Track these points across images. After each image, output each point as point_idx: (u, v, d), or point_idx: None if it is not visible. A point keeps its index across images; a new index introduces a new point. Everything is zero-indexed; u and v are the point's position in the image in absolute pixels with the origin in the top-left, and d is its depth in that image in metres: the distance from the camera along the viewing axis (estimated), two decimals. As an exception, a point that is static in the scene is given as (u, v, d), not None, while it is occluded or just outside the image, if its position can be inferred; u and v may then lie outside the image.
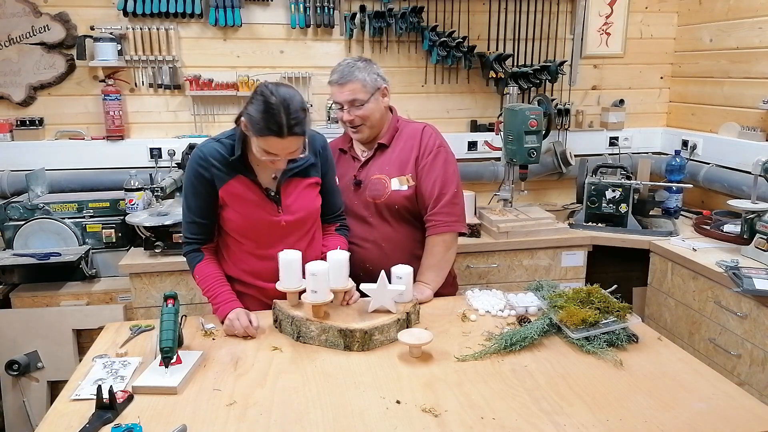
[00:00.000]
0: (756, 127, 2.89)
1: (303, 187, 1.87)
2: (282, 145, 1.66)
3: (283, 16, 3.04)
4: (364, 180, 2.09)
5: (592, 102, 3.44)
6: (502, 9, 3.18)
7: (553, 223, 2.85)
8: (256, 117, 1.64)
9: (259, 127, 1.64)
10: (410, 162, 2.08)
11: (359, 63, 2.02)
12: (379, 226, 2.09)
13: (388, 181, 2.06)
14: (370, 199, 2.07)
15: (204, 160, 1.78)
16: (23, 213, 2.64)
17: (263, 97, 1.64)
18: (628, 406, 1.36)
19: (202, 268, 1.84)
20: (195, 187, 1.80)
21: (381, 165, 2.10)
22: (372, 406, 1.36)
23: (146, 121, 3.06)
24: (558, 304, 1.74)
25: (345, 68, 2.00)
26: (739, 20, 2.98)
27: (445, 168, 2.08)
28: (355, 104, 2.01)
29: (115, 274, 2.65)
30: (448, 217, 2.05)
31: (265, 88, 1.66)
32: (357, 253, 2.04)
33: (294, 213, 1.85)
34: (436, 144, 2.10)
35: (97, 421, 1.29)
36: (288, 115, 1.63)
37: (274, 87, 1.66)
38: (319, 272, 1.64)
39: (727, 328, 2.32)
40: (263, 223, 1.82)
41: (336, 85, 2.01)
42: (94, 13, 2.90)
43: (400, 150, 2.10)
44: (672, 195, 3.00)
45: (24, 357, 2.49)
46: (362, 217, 2.10)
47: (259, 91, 1.66)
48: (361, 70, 1.99)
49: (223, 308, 1.78)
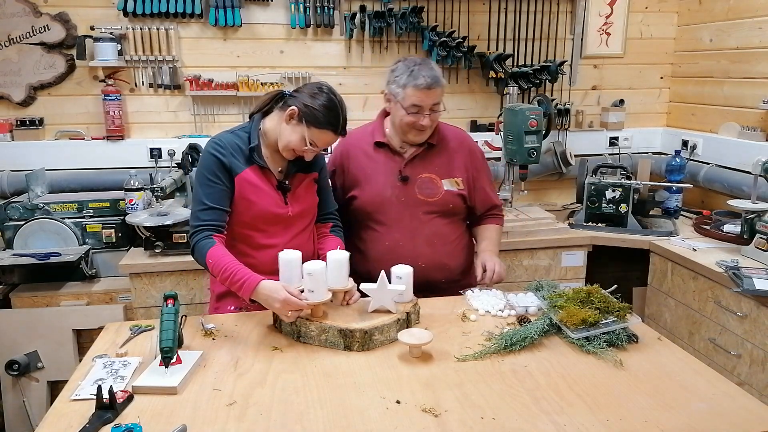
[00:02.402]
0: (756, 127, 2.89)
1: (306, 183, 1.94)
2: (332, 140, 1.80)
3: (283, 16, 3.04)
4: (411, 177, 2.08)
5: (592, 102, 3.44)
6: (502, 9, 3.19)
7: (553, 223, 2.85)
8: (320, 109, 1.74)
9: (323, 119, 1.75)
10: (458, 165, 2.12)
11: (434, 66, 1.99)
12: (429, 223, 2.09)
13: (440, 182, 2.08)
14: (422, 197, 2.07)
15: (222, 147, 1.82)
16: (23, 213, 2.64)
17: (329, 93, 1.76)
18: (628, 406, 1.36)
19: (215, 251, 1.75)
20: (212, 173, 1.81)
21: (428, 164, 2.09)
22: (372, 406, 1.36)
23: (146, 121, 3.06)
24: (558, 304, 1.74)
25: (429, 71, 1.95)
26: (739, 20, 2.98)
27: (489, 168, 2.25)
28: (435, 109, 1.99)
29: (115, 274, 2.65)
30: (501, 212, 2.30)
31: (326, 86, 1.80)
32: (406, 251, 2.06)
33: (300, 205, 1.91)
34: (479, 149, 2.22)
35: (97, 421, 1.29)
36: (345, 116, 1.79)
37: (331, 87, 1.80)
38: (315, 271, 1.64)
39: (727, 328, 2.32)
40: (271, 214, 1.86)
41: (425, 89, 1.94)
42: (94, 13, 2.90)
43: (446, 151, 2.11)
44: (672, 195, 3.00)
45: (24, 357, 2.49)
46: (409, 215, 2.08)
47: (324, 88, 1.78)
48: (440, 73, 1.98)
49: (249, 281, 1.68)
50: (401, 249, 2.06)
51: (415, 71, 1.95)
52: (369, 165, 2.10)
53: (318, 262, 1.67)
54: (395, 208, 2.08)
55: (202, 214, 1.81)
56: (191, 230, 1.82)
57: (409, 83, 1.95)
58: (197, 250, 1.79)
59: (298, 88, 1.84)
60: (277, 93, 1.84)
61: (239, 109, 3.09)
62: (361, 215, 2.12)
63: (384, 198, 2.07)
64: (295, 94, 1.79)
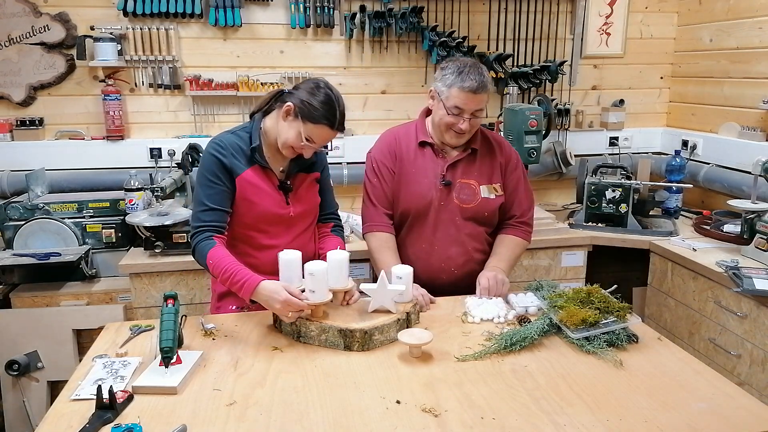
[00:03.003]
0: (756, 127, 2.89)
1: (308, 183, 1.94)
2: (329, 136, 1.79)
3: (283, 16, 3.04)
4: (452, 181, 2.04)
5: (592, 102, 3.44)
6: (502, 9, 3.19)
7: (553, 223, 2.85)
8: (316, 105, 1.73)
9: (318, 114, 1.73)
10: (496, 170, 2.08)
11: (484, 69, 1.92)
12: (465, 230, 2.06)
13: (478, 188, 2.05)
14: (458, 202, 2.04)
15: (223, 148, 1.81)
16: (23, 213, 2.64)
17: (326, 89, 1.75)
18: (628, 406, 1.36)
19: (215, 252, 1.74)
20: (213, 174, 1.80)
21: (469, 170, 2.05)
22: (372, 406, 1.36)
23: (146, 121, 3.06)
24: (558, 304, 1.74)
25: (478, 76, 1.89)
26: (739, 20, 2.98)
27: (529, 185, 2.18)
28: (477, 114, 1.94)
29: (115, 274, 2.65)
30: (530, 228, 2.17)
31: (323, 82, 1.78)
32: (440, 255, 2.05)
33: (301, 205, 1.91)
34: (517, 156, 2.15)
35: (97, 421, 1.29)
36: (342, 112, 1.77)
37: (330, 84, 1.79)
38: (316, 272, 1.64)
39: (727, 328, 2.32)
40: (272, 215, 1.85)
41: (469, 92, 1.88)
42: (94, 13, 2.90)
43: (486, 157, 2.08)
44: (672, 195, 3.00)
45: (24, 357, 2.49)
46: (447, 220, 2.05)
47: (321, 84, 1.77)
48: (489, 80, 1.93)
49: (249, 282, 1.67)
50: (436, 253, 2.06)
51: (464, 73, 1.89)
52: (415, 164, 2.06)
53: (319, 263, 1.67)
54: (435, 212, 2.04)
55: (202, 215, 1.80)
56: (192, 231, 1.81)
57: (455, 84, 1.89)
58: (198, 251, 1.78)
59: (296, 84, 1.84)
60: (278, 92, 1.83)
61: (239, 109, 3.09)
62: (404, 215, 2.08)
63: (428, 200, 2.03)
64: (293, 91, 1.78)
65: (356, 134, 3.19)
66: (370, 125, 3.21)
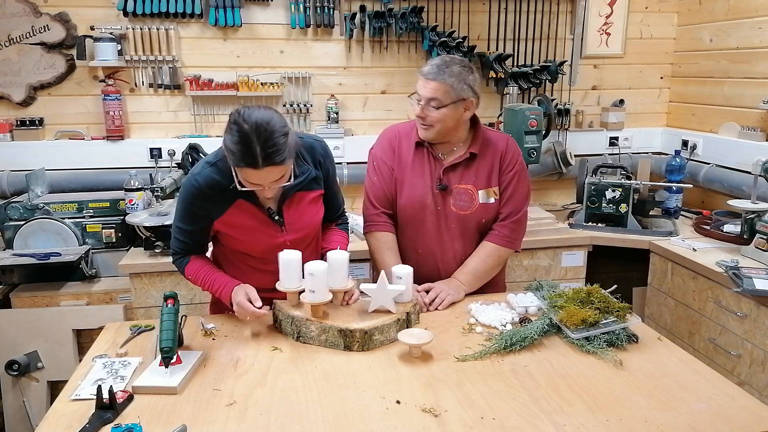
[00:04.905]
0: (756, 127, 2.89)
1: (306, 203, 1.78)
2: (260, 175, 1.56)
3: (283, 16, 3.04)
4: (449, 186, 1.99)
5: (592, 102, 3.44)
6: (502, 9, 3.19)
7: (553, 223, 2.85)
8: (231, 147, 1.53)
9: (235, 158, 1.54)
10: (494, 172, 2.01)
11: (456, 67, 1.87)
12: (460, 239, 2.02)
13: (476, 194, 1.99)
14: (455, 209, 1.99)
15: (200, 191, 1.67)
16: (23, 213, 2.64)
17: (236, 125, 1.52)
18: (628, 406, 1.36)
19: (190, 267, 1.78)
20: (189, 215, 1.72)
21: (467, 174, 1.99)
22: (372, 406, 1.36)
23: (146, 121, 3.06)
24: (558, 304, 1.74)
25: (441, 65, 1.87)
26: (739, 20, 2.98)
27: (524, 186, 2.06)
28: (431, 104, 1.88)
29: (115, 274, 2.65)
30: (512, 233, 2.03)
31: (237, 115, 1.54)
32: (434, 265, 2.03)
33: (298, 231, 1.78)
34: (518, 159, 2.04)
35: (97, 421, 1.29)
36: (263, 143, 1.51)
37: (247, 112, 1.53)
38: (316, 272, 1.64)
39: (727, 328, 2.32)
40: (265, 245, 1.75)
41: (423, 77, 1.88)
42: (94, 13, 2.90)
43: (486, 161, 2.00)
44: (672, 195, 3.00)
45: (24, 357, 2.49)
46: (442, 227, 2.01)
47: (232, 119, 1.54)
48: (454, 75, 1.85)
49: (224, 292, 1.70)
50: (431, 260, 2.03)
51: (430, 60, 1.92)
52: (412, 165, 2.01)
53: (319, 263, 1.67)
54: (432, 218, 2.01)
55: (176, 242, 1.79)
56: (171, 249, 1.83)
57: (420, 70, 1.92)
58: (178, 269, 1.83)
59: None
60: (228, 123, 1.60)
61: (239, 109, 3.08)
62: (402, 216, 2.05)
63: (424, 204, 1.99)
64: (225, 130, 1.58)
65: (356, 134, 3.19)
66: (370, 125, 3.21)
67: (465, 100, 1.89)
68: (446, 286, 1.95)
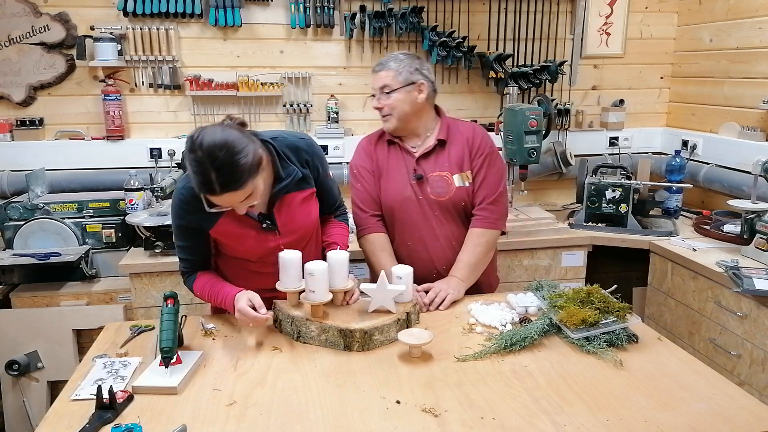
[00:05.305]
0: (756, 127, 2.89)
1: (297, 204, 1.76)
2: (223, 200, 1.51)
3: (283, 16, 3.04)
4: (424, 175, 2.06)
5: (592, 102, 3.44)
6: (502, 9, 3.19)
7: (553, 223, 2.85)
8: (190, 174, 1.49)
9: (196, 184, 1.49)
10: (466, 158, 2.07)
11: (401, 55, 2.03)
12: (446, 225, 2.07)
13: (451, 178, 2.05)
14: (434, 197, 2.05)
15: (187, 204, 1.65)
16: (23, 213, 2.64)
17: (192, 153, 1.45)
18: (628, 406, 1.36)
19: (197, 284, 1.78)
20: (183, 230, 1.72)
21: (440, 162, 2.06)
22: (372, 406, 1.36)
23: (146, 121, 3.06)
24: (558, 304, 1.74)
25: (386, 58, 2.03)
26: (739, 20, 2.98)
27: (496, 168, 2.09)
28: (384, 91, 2.00)
29: (115, 274, 2.65)
30: (492, 213, 2.07)
31: (191, 141, 1.46)
32: (426, 254, 2.06)
33: (292, 233, 1.76)
34: (488, 144, 2.10)
35: (97, 421, 1.29)
36: (217, 170, 1.44)
37: (201, 137, 1.45)
38: (316, 272, 1.64)
39: (727, 328, 2.32)
40: (262, 250, 1.75)
41: (372, 73, 2.05)
42: (94, 13, 2.90)
43: (456, 147, 2.08)
44: (672, 195, 3.00)
45: (24, 357, 2.49)
46: (426, 215, 2.06)
47: (188, 145, 1.47)
48: (399, 61, 2.00)
49: (227, 301, 1.69)
50: (422, 250, 2.07)
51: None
52: (389, 162, 2.09)
53: (319, 263, 1.67)
54: (415, 208, 2.06)
55: (180, 257, 1.79)
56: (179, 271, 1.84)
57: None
58: (187, 286, 1.82)
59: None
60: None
61: (239, 110, 3.09)
62: (388, 214, 2.10)
63: (404, 197, 2.06)
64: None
65: (356, 134, 3.18)
66: (370, 125, 3.20)
67: (415, 83, 2.00)
68: (445, 285, 1.97)
